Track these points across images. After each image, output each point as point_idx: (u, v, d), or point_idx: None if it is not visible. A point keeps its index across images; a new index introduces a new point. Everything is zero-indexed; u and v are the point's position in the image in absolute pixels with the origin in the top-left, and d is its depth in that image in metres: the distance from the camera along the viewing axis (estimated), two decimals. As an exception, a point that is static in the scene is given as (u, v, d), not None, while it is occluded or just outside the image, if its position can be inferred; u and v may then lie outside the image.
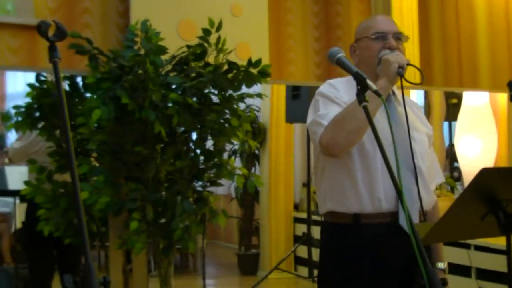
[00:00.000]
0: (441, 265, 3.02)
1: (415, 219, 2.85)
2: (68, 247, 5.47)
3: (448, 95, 8.55)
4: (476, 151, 7.58)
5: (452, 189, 7.56)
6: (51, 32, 2.10)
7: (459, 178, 8.36)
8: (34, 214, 5.41)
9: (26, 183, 4.79)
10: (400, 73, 2.80)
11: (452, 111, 8.51)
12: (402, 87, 2.82)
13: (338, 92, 2.96)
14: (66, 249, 5.53)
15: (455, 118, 8.18)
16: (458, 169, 8.87)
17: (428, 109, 8.83)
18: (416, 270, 2.91)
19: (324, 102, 2.94)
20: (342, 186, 2.91)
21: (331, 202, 2.97)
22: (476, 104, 7.62)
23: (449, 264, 3.10)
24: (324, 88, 3.02)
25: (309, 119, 2.97)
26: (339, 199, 2.93)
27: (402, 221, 2.83)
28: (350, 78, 3.11)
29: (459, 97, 8.16)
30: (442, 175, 3.32)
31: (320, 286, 3.10)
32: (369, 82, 2.56)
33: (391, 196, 2.85)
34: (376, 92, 2.53)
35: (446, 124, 8.91)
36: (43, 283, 5.62)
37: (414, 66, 2.99)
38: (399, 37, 3.03)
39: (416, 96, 8.72)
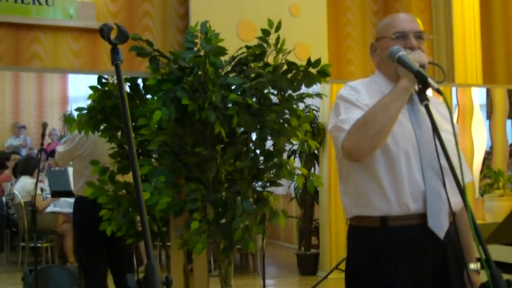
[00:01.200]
0: (473, 266, 2.89)
1: (445, 220, 2.78)
2: (119, 247, 5.56)
3: (511, 93, 8.40)
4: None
5: (516, 189, 7.42)
6: (113, 35, 2.12)
7: (523, 178, 8.19)
8: (85, 215, 5.53)
9: (88, 184, 4.86)
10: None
11: (515, 109, 8.37)
12: (424, 86, 2.61)
13: (359, 94, 2.89)
14: (117, 249, 5.62)
15: (518, 116, 8.03)
16: (522, 168, 8.71)
17: (490, 108, 8.68)
18: (451, 273, 2.84)
19: (345, 106, 2.87)
20: (368, 190, 2.84)
21: (358, 207, 2.90)
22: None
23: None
24: (344, 91, 2.94)
25: (330, 124, 2.91)
26: (366, 203, 2.85)
27: (432, 224, 2.75)
28: (371, 79, 3.04)
29: (523, 95, 8.01)
30: (471, 174, 3.18)
31: None
32: (430, 80, 2.53)
33: (418, 198, 2.78)
34: (438, 91, 2.50)
35: (509, 122, 8.75)
36: (99, 283, 5.69)
37: (436, 64, 2.89)
38: (420, 36, 2.93)
39: (478, 94, 8.59)
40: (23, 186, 9.30)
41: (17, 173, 10.15)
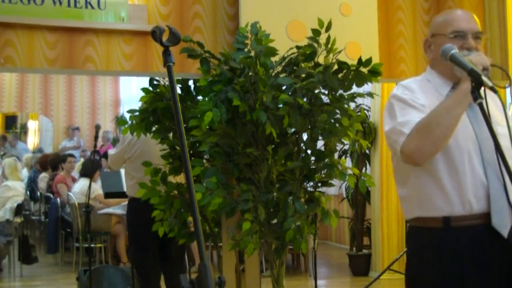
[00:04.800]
0: None
1: (508, 220, 2.70)
2: (172, 248, 5.59)
3: None
4: None
5: None
6: (164, 37, 2.13)
7: None
8: (138, 216, 5.58)
9: (141, 185, 4.90)
10: (486, 75, 2.56)
11: None
12: (478, 85, 2.51)
13: (414, 94, 2.82)
14: (169, 249, 5.65)
15: None
16: None
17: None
18: None
19: (400, 106, 2.81)
20: (429, 191, 2.78)
21: (419, 208, 2.85)
22: None
23: None
24: (398, 91, 2.88)
25: (387, 125, 2.83)
26: (427, 204, 2.80)
27: (496, 222, 2.68)
28: (423, 77, 2.97)
29: None
30: None
31: None
32: (484, 78, 2.48)
33: (481, 196, 2.71)
34: (492, 89, 2.46)
35: None
36: (153, 283, 5.73)
37: (499, 66, 2.78)
38: (478, 36, 2.86)
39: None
40: (81, 188, 9.43)
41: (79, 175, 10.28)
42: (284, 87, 4.55)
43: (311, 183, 4.81)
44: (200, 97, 4.84)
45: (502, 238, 2.71)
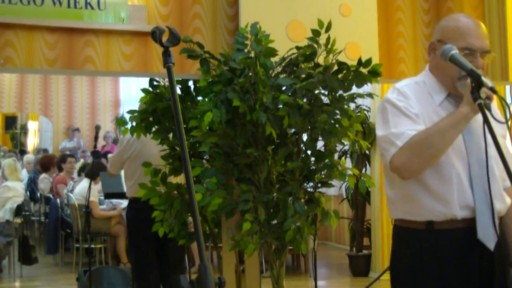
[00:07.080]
0: None
1: (492, 224, 2.71)
2: (169, 248, 5.59)
3: None
4: None
5: None
6: (164, 38, 2.13)
7: None
8: (138, 216, 5.58)
9: (141, 185, 4.90)
10: (487, 105, 2.52)
11: None
12: (478, 85, 2.50)
13: (408, 100, 2.81)
14: (166, 250, 5.65)
15: None
16: None
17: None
18: (495, 273, 2.74)
19: (393, 113, 2.80)
20: (415, 195, 2.79)
21: (403, 210, 2.86)
22: None
23: None
24: (392, 95, 2.87)
25: (380, 130, 2.84)
26: (412, 207, 2.81)
27: (481, 235, 2.70)
28: (419, 78, 2.96)
29: None
30: None
31: None
32: (484, 79, 2.48)
33: (466, 206, 2.72)
34: (491, 89, 2.46)
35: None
36: (152, 284, 5.73)
37: (502, 98, 2.66)
38: (485, 54, 2.83)
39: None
40: (81, 189, 9.42)
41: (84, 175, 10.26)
42: (284, 88, 4.55)
43: (311, 184, 4.81)
44: (200, 98, 4.84)
45: (483, 245, 2.71)
